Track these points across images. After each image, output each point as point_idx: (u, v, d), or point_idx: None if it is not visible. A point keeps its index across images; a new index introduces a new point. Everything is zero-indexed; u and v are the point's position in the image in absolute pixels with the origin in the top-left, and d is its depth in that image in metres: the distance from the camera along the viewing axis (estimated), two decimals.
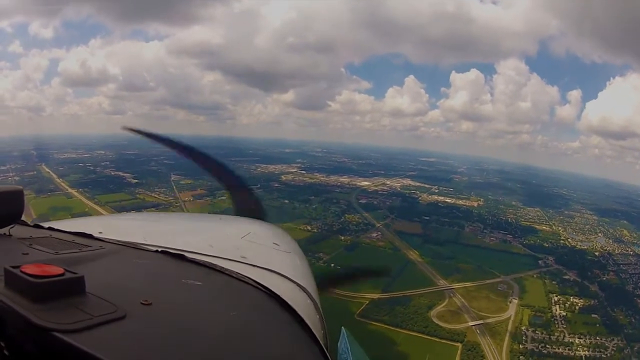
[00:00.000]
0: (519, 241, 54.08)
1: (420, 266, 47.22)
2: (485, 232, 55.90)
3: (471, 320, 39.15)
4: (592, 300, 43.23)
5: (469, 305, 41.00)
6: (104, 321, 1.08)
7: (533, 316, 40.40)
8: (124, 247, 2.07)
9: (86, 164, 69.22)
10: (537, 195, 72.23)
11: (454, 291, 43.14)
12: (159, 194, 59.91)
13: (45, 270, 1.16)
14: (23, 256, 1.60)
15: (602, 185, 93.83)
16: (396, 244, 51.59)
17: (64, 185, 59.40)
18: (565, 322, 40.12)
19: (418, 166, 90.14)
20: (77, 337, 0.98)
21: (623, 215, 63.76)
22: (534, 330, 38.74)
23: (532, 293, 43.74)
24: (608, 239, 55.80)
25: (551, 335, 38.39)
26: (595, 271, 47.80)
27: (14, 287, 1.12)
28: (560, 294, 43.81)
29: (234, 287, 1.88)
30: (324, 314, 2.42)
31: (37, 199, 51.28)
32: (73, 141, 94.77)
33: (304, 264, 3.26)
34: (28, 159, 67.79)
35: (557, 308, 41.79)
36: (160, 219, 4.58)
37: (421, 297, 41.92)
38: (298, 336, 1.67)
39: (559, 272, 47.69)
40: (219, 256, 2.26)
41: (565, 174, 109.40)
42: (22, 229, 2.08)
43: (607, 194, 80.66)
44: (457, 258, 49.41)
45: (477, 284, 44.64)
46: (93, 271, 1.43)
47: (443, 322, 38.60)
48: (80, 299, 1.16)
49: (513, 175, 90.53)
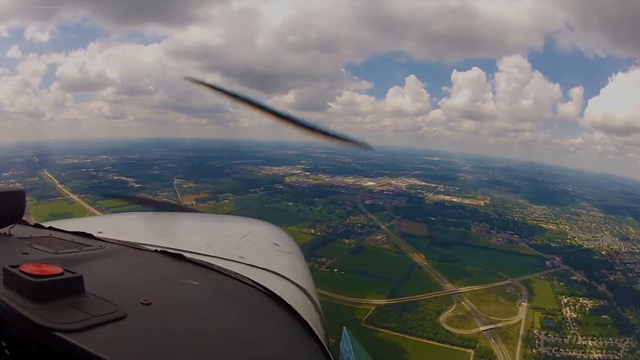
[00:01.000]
0: (526, 241, 52.99)
1: (427, 270, 45.98)
2: (492, 233, 54.70)
3: (482, 325, 37.87)
4: (602, 301, 42.09)
5: (478, 309, 39.74)
6: (104, 321, 1.08)
7: (544, 319, 39.22)
8: (123, 247, 2.06)
9: (88, 169, 68.71)
10: (543, 192, 71.18)
11: (462, 295, 41.86)
12: (161, 198, 58.88)
13: (44, 269, 1.17)
14: (23, 256, 1.59)
15: (606, 181, 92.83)
16: (401, 246, 50.37)
17: (66, 191, 58.81)
18: (576, 324, 38.96)
19: (423, 165, 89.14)
20: (77, 336, 0.98)
21: (629, 212, 62.83)
22: (546, 333, 37.53)
23: (541, 295, 42.50)
24: (614, 237, 54.82)
25: (564, 338, 37.24)
26: (602, 271, 46.72)
27: (13, 287, 1.12)
28: (570, 295, 42.65)
29: (234, 288, 1.86)
30: (328, 319, 2.38)
31: (38, 205, 50.42)
32: (75, 146, 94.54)
33: (303, 265, 3.19)
34: (30, 165, 67.75)
35: (567, 310, 40.63)
36: (160, 219, 4.36)
37: (429, 302, 40.63)
38: (299, 336, 1.62)
39: (566, 272, 46.51)
40: (219, 256, 2.24)
41: (569, 170, 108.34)
42: (23, 229, 2.08)
43: (612, 190, 79.76)
44: (463, 260, 48.13)
45: (485, 287, 43.38)
46: (93, 271, 1.45)
47: (453, 328, 37.31)
48: (79, 298, 1.16)
49: (518, 172, 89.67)
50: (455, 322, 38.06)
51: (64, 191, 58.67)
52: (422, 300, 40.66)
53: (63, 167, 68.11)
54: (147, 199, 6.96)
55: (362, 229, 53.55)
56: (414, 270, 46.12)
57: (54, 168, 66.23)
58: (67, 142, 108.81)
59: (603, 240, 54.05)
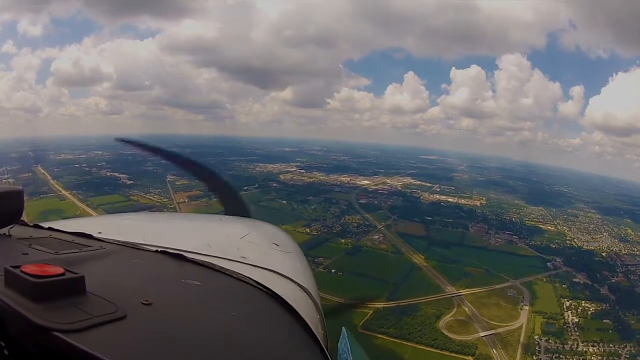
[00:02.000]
0: (525, 242, 51.28)
1: (426, 271, 44.04)
2: (490, 233, 52.88)
3: (482, 330, 36.05)
4: (604, 304, 40.49)
5: (478, 313, 37.92)
6: (104, 321, 1.08)
7: (545, 323, 37.49)
8: (123, 247, 2.06)
9: (82, 165, 66.74)
10: (539, 193, 69.56)
11: (463, 298, 40.06)
12: (153, 195, 57.58)
13: (46, 270, 1.16)
14: (23, 256, 1.59)
15: (602, 182, 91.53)
16: (399, 246, 48.49)
17: (58, 187, 56.84)
18: (578, 328, 37.29)
19: (418, 164, 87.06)
20: (78, 337, 0.98)
21: (626, 214, 61.24)
22: (547, 339, 35.80)
23: (543, 298, 40.78)
24: (614, 238, 53.29)
25: (565, 344, 35.51)
26: (604, 273, 45.27)
27: (14, 287, 1.12)
28: (572, 298, 40.98)
29: (234, 288, 1.85)
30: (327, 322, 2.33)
31: (29, 202, 48.34)
32: (72, 142, 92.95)
33: (304, 265, 3.17)
34: (25, 160, 65.94)
35: (569, 314, 38.94)
36: (160, 219, 4.44)
37: (428, 305, 38.75)
38: (299, 336, 1.63)
39: (568, 274, 44.87)
40: (219, 256, 2.23)
41: (564, 170, 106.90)
42: (22, 229, 2.08)
43: (608, 192, 78.09)
44: (463, 261, 46.27)
45: (486, 289, 41.47)
46: (93, 271, 1.44)
47: (453, 334, 35.41)
48: (80, 298, 1.16)
49: (513, 172, 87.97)
50: (455, 327, 36.18)
51: (56, 187, 56.80)
52: (422, 303, 38.82)
53: (57, 163, 66.39)
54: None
55: (358, 229, 51.63)
56: (413, 271, 44.27)
57: (48, 164, 64.39)
58: (64, 138, 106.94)
59: (603, 241, 52.56)
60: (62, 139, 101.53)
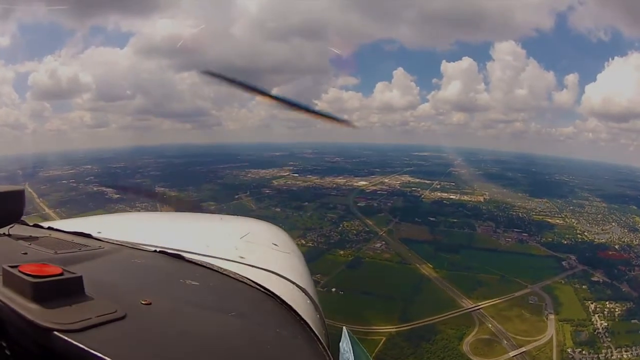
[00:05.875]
0: (536, 240, 46.35)
1: (437, 283, 38.62)
2: (499, 232, 47.83)
3: (511, 350, 30.83)
4: (628, 303, 36.09)
5: (503, 329, 32.64)
6: (103, 321, 1.07)
7: (575, 332, 32.85)
8: (122, 247, 2.04)
9: (69, 181, 61.49)
10: (541, 184, 64.59)
11: (482, 312, 34.72)
12: (140, 209, 51.83)
13: (44, 269, 1.14)
14: (22, 256, 1.57)
15: (600, 169, 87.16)
16: (404, 255, 43.05)
17: (43, 205, 51.51)
18: (608, 334, 32.79)
19: (413, 161, 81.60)
20: (77, 336, 0.96)
21: (631, 200, 56.36)
22: (580, 350, 31.19)
23: (567, 303, 35.95)
24: (623, 228, 48.79)
25: (599, 354, 31.06)
26: (620, 267, 40.82)
27: (13, 287, 1.10)
28: (596, 300, 36.32)
29: (233, 288, 1.82)
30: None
31: None
32: (60, 158, 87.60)
33: (303, 265, 2.97)
34: (14, 179, 60.03)
35: (597, 318, 34.28)
36: (159, 219, 4.22)
37: (446, 324, 33.37)
38: (299, 336, 1.58)
39: (585, 273, 40.20)
40: (218, 256, 2.18)
41: (561, 159, 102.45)
42: (22, 229, 2.05)
43: (609, 178, 73.42)
44: (475, 268, 41.03)
45: (505, 299, 36.27)
46: (92, 271, 1.42)
47: (479, 357, 30.21)
48: (79, 298, 1.14)
49: (510, 164, 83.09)
50: (480, 348, 30.93)
51: (41, 205, 51.31)
52: (439, 322, 33.43)
53: (44, 180, 60.99)
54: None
55: (357, 236, 46.31)
56: (422, 284, 38.92)
57: (35, 181, 58.67)
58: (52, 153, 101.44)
59: (613, 232, 47.95)
60: (51, 155, 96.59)
